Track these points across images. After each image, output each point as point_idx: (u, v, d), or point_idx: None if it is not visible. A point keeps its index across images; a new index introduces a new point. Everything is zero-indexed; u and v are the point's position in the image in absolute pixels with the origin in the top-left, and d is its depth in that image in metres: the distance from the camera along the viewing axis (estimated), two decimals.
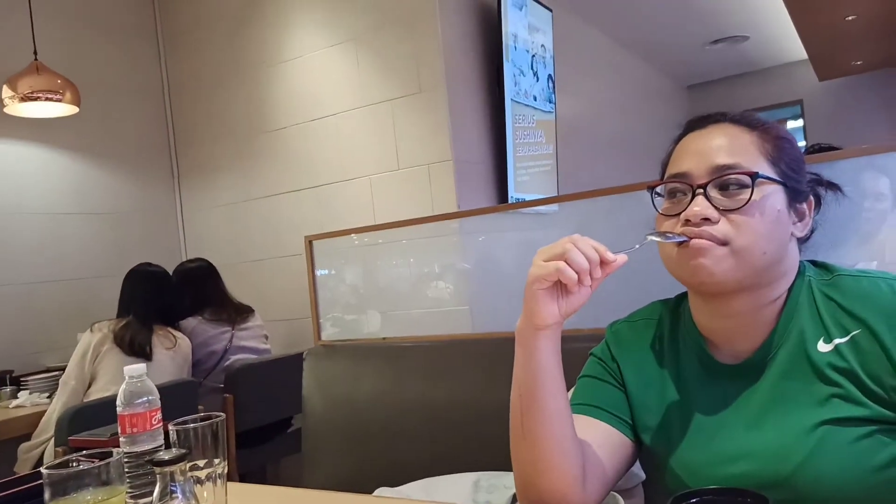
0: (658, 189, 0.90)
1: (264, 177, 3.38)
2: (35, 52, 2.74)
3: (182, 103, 3.68)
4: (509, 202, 2.99)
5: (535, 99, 3.33)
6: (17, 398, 2.66)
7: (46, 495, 0.79)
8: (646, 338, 0.96)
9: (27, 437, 2.42)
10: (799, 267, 0.87)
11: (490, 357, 1.64)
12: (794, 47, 5.84)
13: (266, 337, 3.01)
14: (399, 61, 2.90)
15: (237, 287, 3.07)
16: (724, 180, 0.82)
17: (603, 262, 0.78)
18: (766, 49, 6.22)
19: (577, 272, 0.77)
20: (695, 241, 0.81)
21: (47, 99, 2.69)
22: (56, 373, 2.68)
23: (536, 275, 0.79)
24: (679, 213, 0.84)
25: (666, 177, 0.89)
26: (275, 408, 2.78)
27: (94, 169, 3.39)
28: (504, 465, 1.35)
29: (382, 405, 1.60)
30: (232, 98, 3.47)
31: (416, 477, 1.31)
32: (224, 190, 3.55)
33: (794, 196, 0.85)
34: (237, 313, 2.90)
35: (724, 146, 0.84)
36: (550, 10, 3.53)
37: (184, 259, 3.44)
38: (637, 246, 0.83)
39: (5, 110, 2.74)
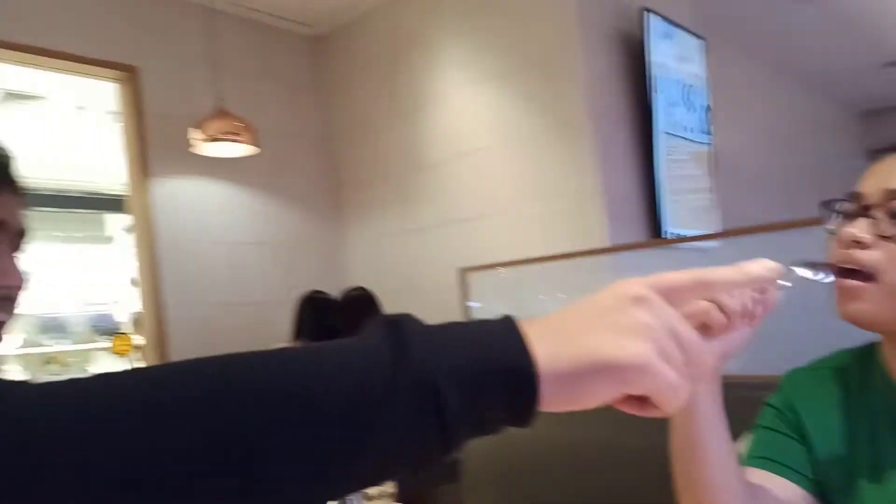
0: (839, 208, 0.85)
1: (418, 211, 3.54)
2: (220, 100, 3.09)
3: (344, 145, 3.96)
4: (663, 237, 2.90)
5: (689, 130, 3.23)
6: None
7: None
8: (830, 388, 0.88)
9: None
10: None
11: None
12: None
13: None
14: (542, 98, 2.95)
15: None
16: (893, 207, 0.76)
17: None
18: None
19: (727, 315, 0.72)
20: (840, 282, 0.76)
21: (230, 140, 3.01)
22: None
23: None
24: None
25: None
26: None
27: (269, 204, 3.73)
28: None
29: (542, 444, 1.60)
30: (387, 137, 3.68)
31: None
32: (382, 223, 3.75)
33: None
34: None
35: None
36: (704, 39, 3.42)
37: (346, 286, 3.66)
38: (788, 283, 0.79)
39: (193, 150, 3.08)
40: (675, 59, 3.16)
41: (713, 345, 0.75)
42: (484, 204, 3.21)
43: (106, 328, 7.23)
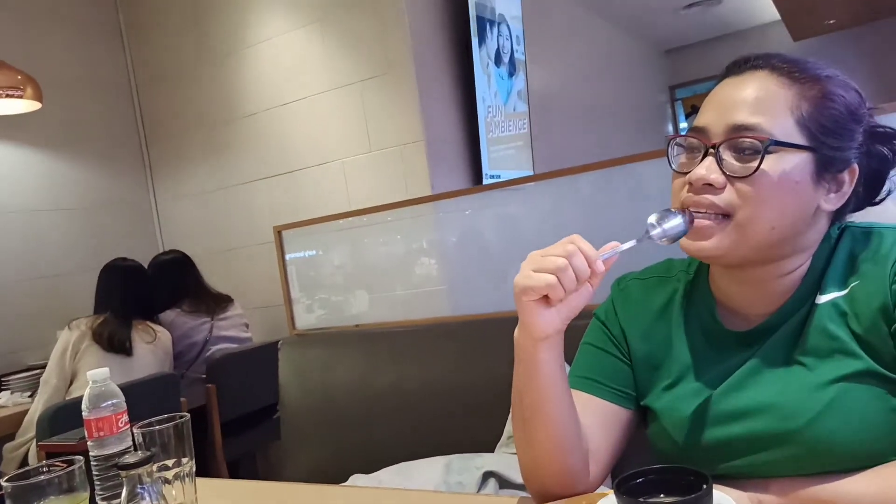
0: (681, 141, 0.82)
1: (237, 164, 3.35)
2: None
3: (149, 94, 3.62)
4: (484, 179, 2.98)
5: (507, 73, 3.31)
6: None
7: None
8: (656, 297, 0.91)
9: (11, 437, 2.43)
10: (829, 232, 0.81)
11: (465, 340, 1.66)
12: (767, 8, 5.82)
13: (246, 325, 3.01)
14: (365, 41, 2.87)
15: (215, 276, 3.06)
16: (738, 143, 0.75)
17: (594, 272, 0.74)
18: (740, 11, 6.19)
19: (565, 290, 0.73)
20: (697, 222, 0.76)
21: (8, 96, 2.64)
22: (37, 371, 2.67)
23: (524, 286, 0.74)
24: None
25: (687, 129, 0.82)
26: (258, 395, 2.79)
27: (63, 164, 3.34)
28: (475, 446, 1.38)
29: (357, 392, 1.61)
30: (199, 86, 3.41)
31: (391, 462, 1.33)
32: (197, 179, 3.51)
33: (828, 164, 0.76)
34: (216, 303, 2.89)
35: (749, 101, 0.76)
36: None
37: (161, 250, 3.42)
38: (630, 244, 0.77)
39: None
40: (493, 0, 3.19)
41: (559, 310, 0.75)
42: (309, 154, 3.10)
43: None
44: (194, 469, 1.02)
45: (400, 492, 1.01)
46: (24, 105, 2.78)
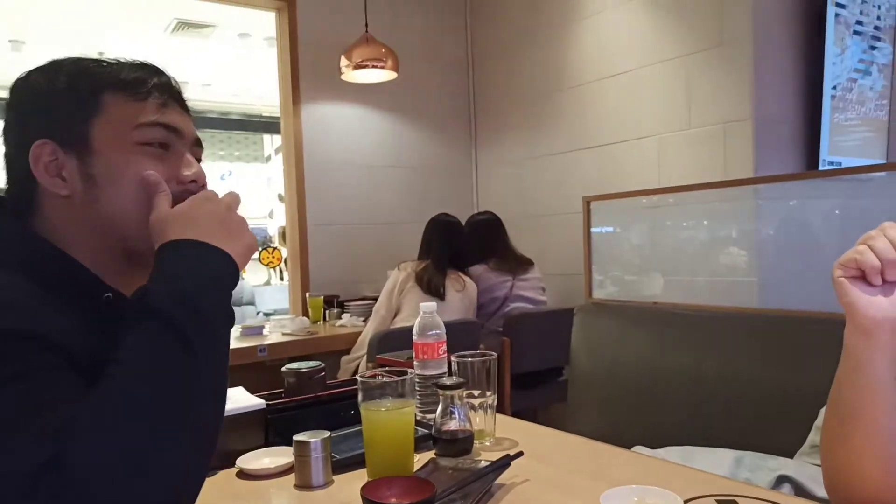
0: None
1: (553, 135, 3.49)
2: (366, 26, 3.18)
3: (483, 68, 3.95)
4: (820, 166, 2.65)
5: (868, 45, 2.86)
6: (341, 319, 3.23)
7: (360, 397, 0.99)
8: None
9: (347, 351, 2.94)
10: None
11: (773, 335, 1.54)
12: None
13: (543, 289, 3.16)
14: (700, 12, 2.73)
15: (520, 240, 3.26)
16: None
17: None
18: None
19: (879, 259, 0.68)
20: None
21: (374, 66, 3.12)
22: (370, 301, 3.17)
23: (837, 262, 0.73)
24: None
25: None
26: (547, 356, 2.93)
27: (404, 128, 3.85)
28: (770, 449, 1.28)
29: (647, 369, 1.60)
30: (529, 59, 3.61)
31: (672, 443, 1.32)
32: (515, 148, 3.75)
33: None
34: (518, 264, 3.09)
35: None
36: None
37: (476, 210, 3.75)
38: None
39: (342, 77, 3.24)
40: None
41: (890, 296, 0.70)
42: (625, 128, 3.09)
43: (259, 241, 8.00)
44: (495, 402, 1.15)
45: (692, 470, 0.99)
46: (383, 75, 3.26)
